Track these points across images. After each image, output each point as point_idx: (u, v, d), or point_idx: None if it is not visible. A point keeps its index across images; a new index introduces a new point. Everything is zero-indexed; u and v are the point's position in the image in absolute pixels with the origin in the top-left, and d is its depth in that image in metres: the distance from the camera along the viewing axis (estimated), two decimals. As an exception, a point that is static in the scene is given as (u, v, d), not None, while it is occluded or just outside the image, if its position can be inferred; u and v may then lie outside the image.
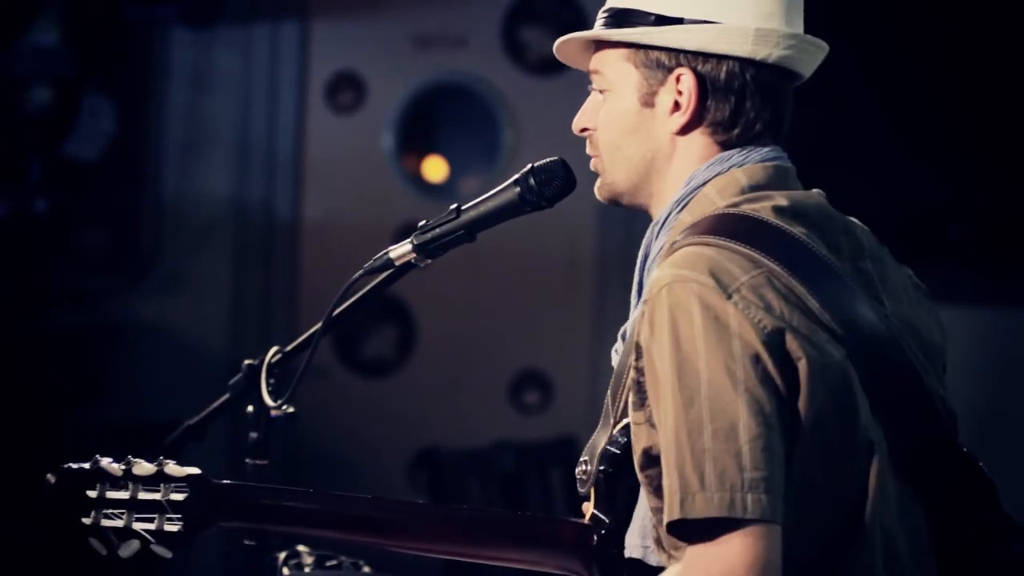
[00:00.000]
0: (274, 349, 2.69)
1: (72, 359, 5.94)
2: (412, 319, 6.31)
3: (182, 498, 2.23)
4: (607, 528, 2.20)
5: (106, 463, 2.26)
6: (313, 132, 6.32)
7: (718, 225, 2.12)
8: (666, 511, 2.01)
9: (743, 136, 2.22)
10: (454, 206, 2.45)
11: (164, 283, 6.21)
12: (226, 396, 2.73)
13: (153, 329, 6.16)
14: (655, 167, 2.25)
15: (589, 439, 2.25)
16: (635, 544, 2.18)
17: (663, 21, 2.21)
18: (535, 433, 6.14)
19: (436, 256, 2.47)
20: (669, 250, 2.14)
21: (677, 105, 2.21)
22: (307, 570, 2.80)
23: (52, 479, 2.26)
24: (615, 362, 2.23)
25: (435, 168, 6.42)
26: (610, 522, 2.20)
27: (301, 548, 2.83)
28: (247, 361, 2.71)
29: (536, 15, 6.28)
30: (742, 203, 2.16)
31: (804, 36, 2.23)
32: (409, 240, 2.47)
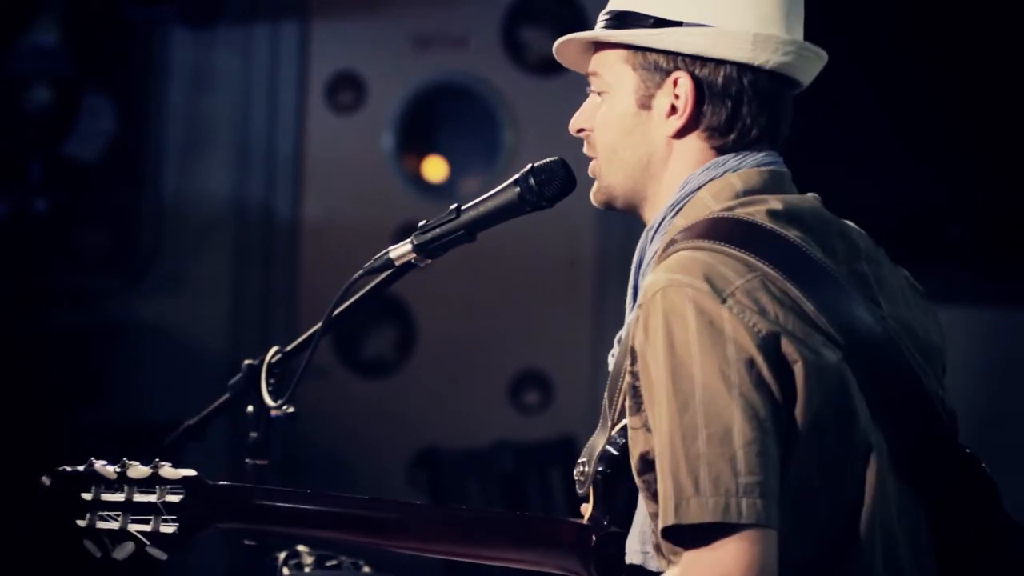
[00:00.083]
0: (274, 349, 2.69)
1: (72, 359, 5.93)
2: (412, 319, 6.31)
3: (178, 500, 2.24)
4: (605, 529, 2.20)
5: (100, 466, 2.26)
6: (313, 132, 6.32)
7: (712, 229, 2.12)
8: (661, 516, 2.01)
9: (739, 141, 2.21)
10: (454, 206, 2.45)
11: (164, 283, 6.21)
12: (226, 396, 2.73)
13: (153, 329, 6.16)
14: (650, 170, 2.24)
15: (588, 440, 2.25)
16: (635, 550, 2.18)
17: (662, 24, 2.20)
18: (535, 433, 6.14)
19: (436, 256, 2.47)
20: (664, 254, 2.14)
21: (674, 108, 2.21)
22: (307, 570, 2.80)
23: (47, 481, 2.26)
24: (611, 366, 2.22)
25: (435, 168, 6.42)
26: (608, 523, 2.20)
27: (301, 548, 2.83)
28: (247, 361, 2.71)
29: (536, 15, 6.27)
30: (736, 207, 2.15)
31: (804, 43, 2.22)
32: (409, 240, 2.47)
